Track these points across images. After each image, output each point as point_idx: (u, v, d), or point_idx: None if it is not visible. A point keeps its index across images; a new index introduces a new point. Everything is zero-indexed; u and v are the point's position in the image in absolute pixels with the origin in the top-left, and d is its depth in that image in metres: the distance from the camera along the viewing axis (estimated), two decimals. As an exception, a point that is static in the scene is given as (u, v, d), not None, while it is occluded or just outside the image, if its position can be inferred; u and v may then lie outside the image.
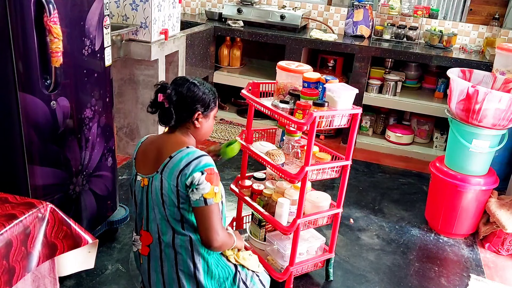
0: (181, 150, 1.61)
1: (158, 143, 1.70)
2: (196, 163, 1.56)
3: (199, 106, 1.66)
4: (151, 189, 1.63)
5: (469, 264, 2.68)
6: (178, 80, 1.67)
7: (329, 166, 2.12)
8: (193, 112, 1.66)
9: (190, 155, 1.59)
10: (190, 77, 1.70)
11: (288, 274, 2.20)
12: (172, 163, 1.59)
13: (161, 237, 1.65)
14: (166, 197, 1.59)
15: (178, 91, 1.63)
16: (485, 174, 2.79)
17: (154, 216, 1.66)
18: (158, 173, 1.61)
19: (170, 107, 1.63)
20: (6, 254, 1.40)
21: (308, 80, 2.14)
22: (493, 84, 2.89)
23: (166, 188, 1.59)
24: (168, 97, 1.62)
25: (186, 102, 1.64)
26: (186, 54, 3.66)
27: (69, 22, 1.90)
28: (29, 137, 1.86)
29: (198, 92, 1.65)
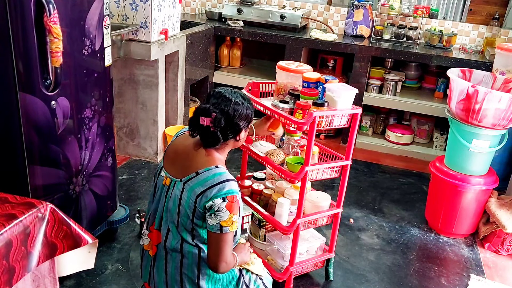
0: (209, 169, 1.57)
1: (190, 152, 1.65)
2: (219, 188, 1.53)
3: (244, 123, 1.65)
4: (170, 192, 1.62)
5: (469, 264, 2.68)
6: (220, 100, 1.60)
7: (329, 166, 2.12)
8: (239, 132, 1.65)
9: (216, 177, 1.55)
10: (229, 93, 1.63)
11: (288, 274, 2.20)
12: (197, 179, 1.56)
13: (168, 241, 1.64)
14: (183, 208, 1.58)
15: (225, 114, 1.58)
16: (485, 174, 2.79)
17: (166, 219, 1.64)
18: (181, 182, 1.59)
19: (217, 131, 1.58)
20: (6, 254, 1.40)
21: (308, 80, 2.14)
22: (493, 84, 2.89)
23: (184, 200, 1.57)
24: (214, 121, 1.57)
25: (233, 123, 1.60)
26: (186, 54, 3.66)
27: (69, 22, 1.90)
28: (29, 137, 1.86)
29: (243, 110, 1.62)
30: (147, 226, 1.72)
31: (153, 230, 1.68)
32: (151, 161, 3.53)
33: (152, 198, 1.72)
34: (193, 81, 3.95)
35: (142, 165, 3.46)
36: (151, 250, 1.70)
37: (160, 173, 1.69)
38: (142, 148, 3.55)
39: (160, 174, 1.69)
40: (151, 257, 1.70)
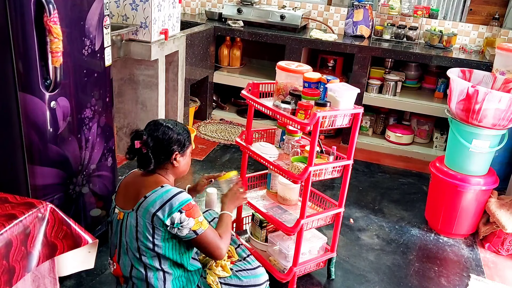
0: (156, 190, 1.66)
1: (137, 181, 1.76)
2: (170, 205, 1.61)
3: (176, 147, 1.74)
4: (125, 224, 1.69)
5: (469, 264, 2.68)
6: (152, 126, 1.74)
7: (331, 165, 2.11)
8: (171, 154, 1.74)
9: (163, 195, 1.63)
10: (162, 120, 1.78)
11: (292, 274, 2.19)
12: (146, 203, 1.64)
13: (133, 271, 1.71)
14: (141, 234, 1.65)
15: (154, 136, 1.71)
16: (485, 174, 2.79)
17: (125, 250, 1.71)
18: (134, 211, 1.66)
19: (148, 152, 1.70)
20: (6, 254, 1.40)
21: (309, 80, 2.14)
22: (493, 84, 2.89)
23: (141, 226, 1.64)
24: (145, 143, 1.70)
25: (162, 145, 1.71)
26: (186, 54, 3.66)
27: (69, 22, 1.90)
28: (29, 137, 1.86)
29: (173, 134, 1.73)
30: (110, 256, 1.81)
31: (115, 262, 1.77)
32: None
33: (110, 233, 1.80)
34: (193, 81, 3.95)
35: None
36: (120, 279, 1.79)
37: (114, 210, 1.77)
38: (142, 148, 3.54)
39: (115, 211, 1.77)
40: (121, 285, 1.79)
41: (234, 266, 1.91)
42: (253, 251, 2.35)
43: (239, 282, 1.85)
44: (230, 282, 1.84)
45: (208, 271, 1.84)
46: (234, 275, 1.86)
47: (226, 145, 3.94)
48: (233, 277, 1.85)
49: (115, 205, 1.77)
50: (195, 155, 3.67)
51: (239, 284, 1.85)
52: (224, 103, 4.67)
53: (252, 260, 1.96)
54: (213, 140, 3.99)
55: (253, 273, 1.89)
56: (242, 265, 1.92)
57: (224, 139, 4.02)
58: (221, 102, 4.64)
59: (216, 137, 4.04)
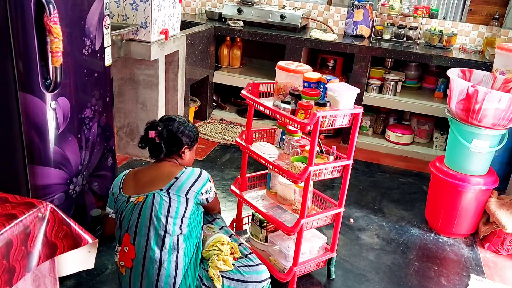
0: (183, 171, 1.88)
1: (153, 169, 1.94)
2: (203, 178, 1.89)
3: (187, 140, 1.96)
4: (150, 204, 1.80)
5: (469, 264, 2.68)
6: (166, 119, 1.95)
7: (331, 165, 2.12)
8: (182, 146, 1.95)
9: (193, 173, 1.89)
10: (175, 115, 2.00)
11: (292, 274, 2.19)
12: (180, 181, 1.84)
13: (147, 251, 1.75)
14: (173, 209, 1.79)
15: (169, 128, 1.91)
16: (485, 174, 2.79)
17: (145, 231, 1.77)
18: (164, 190, 1.81)
19: (161, 143, 1.90)
20: (6, 254, 1.40)
21: (309, 80, 2.14)
22: (493, 84, 2.89)
23: (175, 201, 1.80)
24: (159, 133, 1.90)
25: (175, 137, 1.93)
26: (186, 54, 3.66)
27: (69, 22, 1.90)
28: (29, 137, 1.86)
29: (185, 129, 1.95)
30: (119, 244, 1.85)
31: (128, 245, 1.80)
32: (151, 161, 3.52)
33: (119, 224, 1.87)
34: (193, 81, 3.95)
35: (142, 165, 3.46)
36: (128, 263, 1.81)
37: (129, 200, 1.84)
38: (142, 148, 3.54)
39: (130, 201, 1.84)
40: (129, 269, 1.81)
41: (236, 262, 1.92)
42: (253, 251, 2.35)
43: (241, 277, 1.86)
44: (232, 277, 1.85)
45: (210, 264, 1.85)
46: (236, 270, 1.87)
47: (226, 145, 3.94)
48: (235, 272, 1.87)
49: (128, 196, 1.85)
50: (195, 155, 3.67)
51: (241, 279, 1.86)
52: (224, 103, 4.67)
53: (254, 258, 1.98)
54: (213, 140, 3.99)
55: (255, 270, 1.90)
56: (244, 262, 1.93)
57: (224, 139, 4.02)
58: (221, 102, 4.64)
59: (216, 137, 4.04)
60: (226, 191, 3.17)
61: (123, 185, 1.92)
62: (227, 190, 3.15)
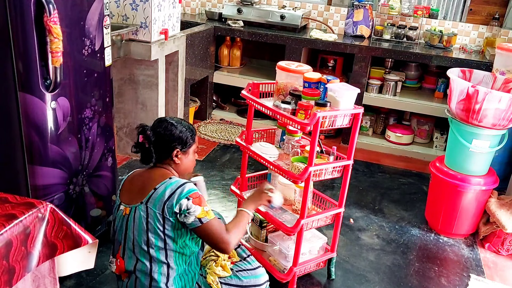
0: (164, 182, 1.71)
1: (143, 176, 1.80)
2: (179, 191, 1.66)
3: (177, 144, 1.78)
4: (132, 218, 1.72)
5: (469, 264, 2.68)
6: (157, 122, 1.80)
7: (331, 165, 2.11)
8: (171, 150, 1.78)
9: (173, 184, 1.69)
10: (168, 117, 1.83)
11: (292, 274, 2.19)
12: (156, 193, 1.68)
13: (137, 265, 1.73)
14: (151, 225, 1.68)
15: (156, 131, 1.76)
16: (485, 174, 2.79)
17: (131, 245, 1.73)
18: (143, 203, 1.70)
19: (150, 147, 1.76)
20: (6, 254, 1.40)
21: (309, 80, 2.14)
22: (493, 84, 2.89)
23: (152, 217, 1.67)
24: (147, 137, 1.76)
25: (164, 141, 1.76)
26: (186, 54, 3.66)
27: (69, 22, 1.90)
28: (29, 137, 1.86)
29: (175, 131, 1.77)
30: (113, 254, 1.83)
31: (118, 258, 1.79)
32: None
33: (113, 232, 1.83)
34: (193, 81, 3.95)
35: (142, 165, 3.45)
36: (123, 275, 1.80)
37: (119, 207, 1.79)
38: (142, 148, 3.54)
39: (120, 208, 1.79)
40: (123, 282, 1.80)
41: (234, 266, 1.91)
42: (253, 251, 2.35)
43: (239, 282, 1.85)
44: (230, 282, 1.84)
45: (208, 270, 1.84)
46: (235, 275, 1.86)
47: (226, 145, 3.94)
48: (233, 277, 1.85)
49: (120, 202, 1.79)
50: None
51: (239, 284, 1.85)
52: (224, 103, 4.67)
53: (252, 261, 1.96)
54: (213, 140, 3.99)
55: (253, 273, 1.89)
56: (242, 265, 1.92)
57: (224, 139, 4.02)
58: (221, 102, 4.64)
59: (216, 137, 4.04)
60: (226, 191, 3.17)
61: (122, 186, 1.87)
62: (227, 190, 3.15)
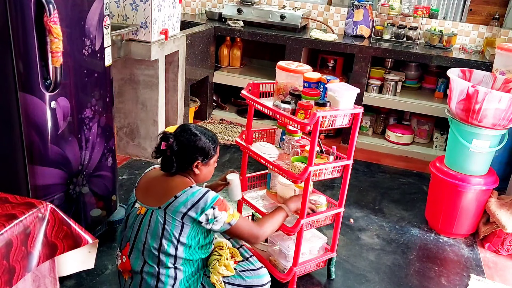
0: (186, 190, 1.71)
1: (162, 181, 1.79)
2: (203, 202, 1.68)
3: (199, 155, 1.77)
4: (147, 221, 1.72)
5: (469, 264, 2.68)
6: (180, 130, 1.78)
7: (331, 165, 2.12)
8: (193, 161, 1.77)
9: (194, 195, 1.69)
10: (193, 126, 1.80)
11: (292, 274, 2.19)
12: (177, 202, 1.69)
13: (145, 267, 1.72)
14: (167, 232, 1.69)
15: (180, 140, 1.75)
16: (485, 174, 2.79)
17: (140, 247, 1.72)
18: (161, 209, 1.70)
19: (172, 156, 1.75)
20: (6, 254, 1.40)
21: (309, 80, 2.14)
22: (493, 84, 2.89)
23: (169, 223, 1.68)
24: (170, 146, 1.74)
25: (186, 151, 1.76)
26: (186, 54, 3.66)
27: (69, 22, 1.90)
28: (29, 137, 1.86)
29: (199, 142, 1.76)
30: (120, 248, 1.82)
31: (125, 256, 1.78)
32: (151, 161, 3.53)
33: (125, 226, 1.82)
34: (193, 81, 3.95)
35: (142, 165, 3.46)
36: (125, 274, 1.79)
37: (134, 205, 1.79)
38: (142, 148, 3.55)
39: (135, 206, 1.78)
40: (125, 280, 1.79)
41: (238, 266, 1.91)
42: (254, 251, 2.35)
43: (242, 282, 1.85)
44: (234, 282, 1.85)
45: (212, 270, 1.85)
46: (238, 275, 1.86)
47: (226, 145, 3.94)
48: (237, 277, 1.86)
49: (136, 200, 1.79)
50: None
51: (243, 284, 1.85)
52: (224, 103, 4.67)
53: (254, 261, 1.96)
54: (213, 140, 3.99)
55: (256, 274, 1.90)
56: (245, 266, 1.92)
57: (224, 139, 4.02)
58: (221, 102, 4.64)
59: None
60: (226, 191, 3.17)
61: (139, 183, 1.86)
62: (227, 190, 3.15)
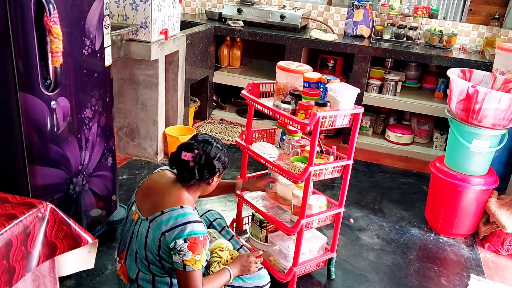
0: (174, 209, 1.64)
1: (162, 188, 1.73)
2: (181, 229, 1.59)
3: (221, 167, 1.75)
4: (138, 228, 1.71)
5: (469, 264, 2.68)
6: (203, 142, 1.73)
7: (331, 165, 2.12)
8: (214, 174, 1.74)
9: (179, 218, 1.62)
10: (212, 137, 1.77)
11: (292, 274, 2.19)
12: (161, 219, 1.63)
13: (139, 275, 1.72)
14: (149, 245, 1.66)
15: (207, 153, 1.70)
16: (485, 174, 2.79)
17: (133, 255, 1.73)
18: (147, 221, 1.67)
19: (195, 167, 1.68)
20: (6, 254, 1.40)
21: (309, 80, 2.14)
22: (493, 84, 2.89)
23: (150, 238, 1.65)
24: (195, 157, 1.68)
25: (211, 164, 1.71)
26: (186, 54, 3.66)
27: (69, 22, 1.90)
28: (29, 137, 1.86)
29: (222, 155, 1.75)
30: (118, 253, 1.82)
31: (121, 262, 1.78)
32: (151, 161, 3.53)
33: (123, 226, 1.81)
34: (193, 81, 3.95)
35: (142, 165, 3.46)
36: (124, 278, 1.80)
37: (132, 207, 1.78)
38: (142, 148, 3.55)
39: (132, 208, 1.77)
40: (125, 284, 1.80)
41: None
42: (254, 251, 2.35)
43: (242, 283, 1.85)
44: (233, 284, 1.84)
45: (211, 272, 1.84)
46: (238, 276, 1.86)
47: (226, 145, 3.93)
48: (237, 279, 1.85)
49: (134, 201, 1.77)
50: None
51: (243, 286, 1.85)
52: (224, 103, 4.67)
53: None
54: (213, 140, 3.99)
55: (256, 275, 1.90)
56: None
57: (224, 139, 4.02)
58: (221, 102, 4.64)
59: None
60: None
61: (142, 184, 1.82)
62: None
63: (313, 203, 2.17)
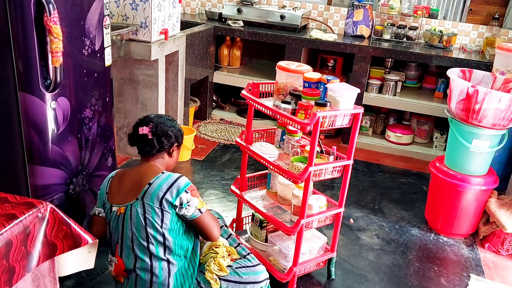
0: (158, 176, 1.77)
1: (133, 174, 1.86)
2: (177, 185, 1.74)
3: (177, 138, 1.91)
4: (129, 215, 1.75)
5: (469, 264, 2.68)
6: (156, 116, 1.91)
7: (331, 165, 2.12)
8: (173, 144, 1.90)
9: (168, 179, 1.75)
10: (162, 114, 1.98)
11: (292, 274, 2.19)
12: (152, 188, 1.74)
13: (137, 263, 1.75)
14: (149, 220, 1.73)
15: (161, 123, 1.86)
16: (485, 174, 2.79)
17: (129, 243, 1.76)
18: (139, 200, 1.74)
19: (153, 139, 1.84)
20: (6, 254, 1.40)
21: (309, 80, 2.14)
22: (493, 84, 2.89)
23: (149, 212, 1.72)
24: (152, 129, 1.84)
25: (167, 134, 1.87)
26: (186, 54, 3.66)
27: (69, 22, 1.90)
28: (29, 137, 1.86)
29: (176, 126, 1.92)
30: (112, 253, 1.85)
31: (117, 257, 1.81)
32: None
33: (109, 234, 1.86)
34: (193, 81, 3.95)
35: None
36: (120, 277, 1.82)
37: (112, 209, 1.81)
38: (142, 148, 3.54)
39: (112, 210, 1.81)
40: (121, 283, 1.82)
41: (234, 263, 1.92)
42: (253, 251, 2.35)
43: (238, 278, 1.86)
44: (229, 279, 1.85)
45: (207, 267, 1.86)
46: (234, 271, 1.87)
47: (226, 145, 3.94)
48: (233, 274, 1.86)
49: (111, 205, 1.81)
50: (195, 155, 3.67)
51: (239, 281, 1.86)
52: (224, 103, 4.67)
53: (252, 258, 1.97)
54: (213, 140, 3.99)
55: (252, 270, 1.90)
56: (242, 262, 1.93)
57: (224, 139, 4.02)
58: (221, 102, 4.64)
59: (216, 137, 4.04)
60: (226, 191, 3.17)
61: (109, 189, 1.87)
62: (227, 190, 3.16)
63: (313, 203, 2.17)
